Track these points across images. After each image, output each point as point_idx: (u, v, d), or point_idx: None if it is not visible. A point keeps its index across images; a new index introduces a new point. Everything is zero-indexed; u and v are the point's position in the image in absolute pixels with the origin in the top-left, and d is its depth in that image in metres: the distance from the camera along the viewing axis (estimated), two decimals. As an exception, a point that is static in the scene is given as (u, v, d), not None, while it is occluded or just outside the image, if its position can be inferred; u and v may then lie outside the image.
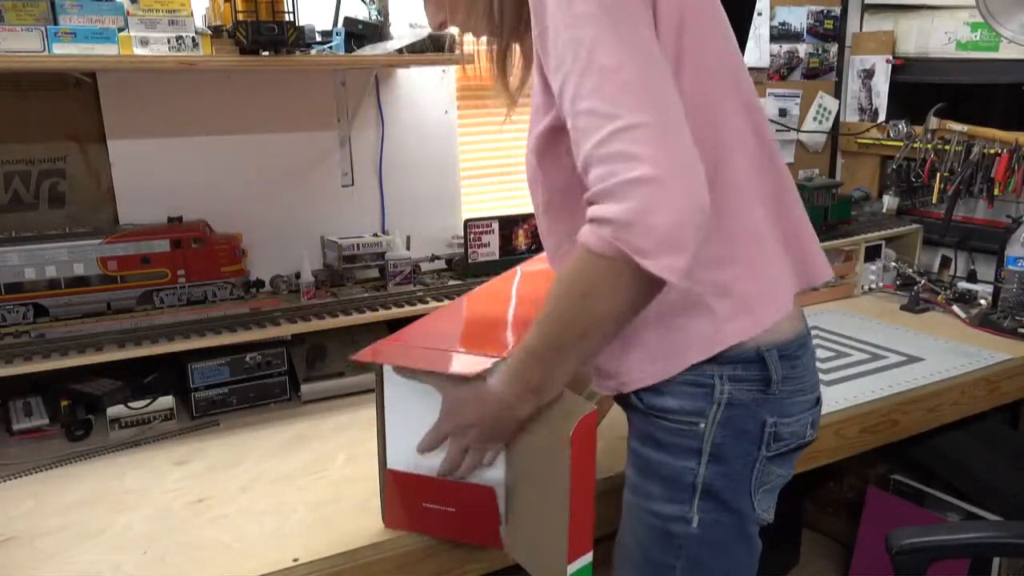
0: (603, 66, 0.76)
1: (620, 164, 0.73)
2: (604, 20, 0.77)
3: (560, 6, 0.78)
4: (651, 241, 0.72)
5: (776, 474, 0.95)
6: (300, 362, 1.61)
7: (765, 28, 2.35)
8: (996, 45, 2.13)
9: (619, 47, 0.76)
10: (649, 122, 0.73)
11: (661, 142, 0.73)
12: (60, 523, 1.15)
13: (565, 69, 0.78)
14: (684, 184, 0.73)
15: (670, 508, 0.92)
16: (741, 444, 0.91)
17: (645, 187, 0.72)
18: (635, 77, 0.75)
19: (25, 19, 1.28)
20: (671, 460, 0.92)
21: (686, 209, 0.73)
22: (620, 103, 0.74)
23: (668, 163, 0.73)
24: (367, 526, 1.10)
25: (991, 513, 1.79)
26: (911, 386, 1.56)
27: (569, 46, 0.78)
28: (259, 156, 1.75)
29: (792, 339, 0.93)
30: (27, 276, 1.45)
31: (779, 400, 0.92)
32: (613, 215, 0.73)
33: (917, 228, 2.25)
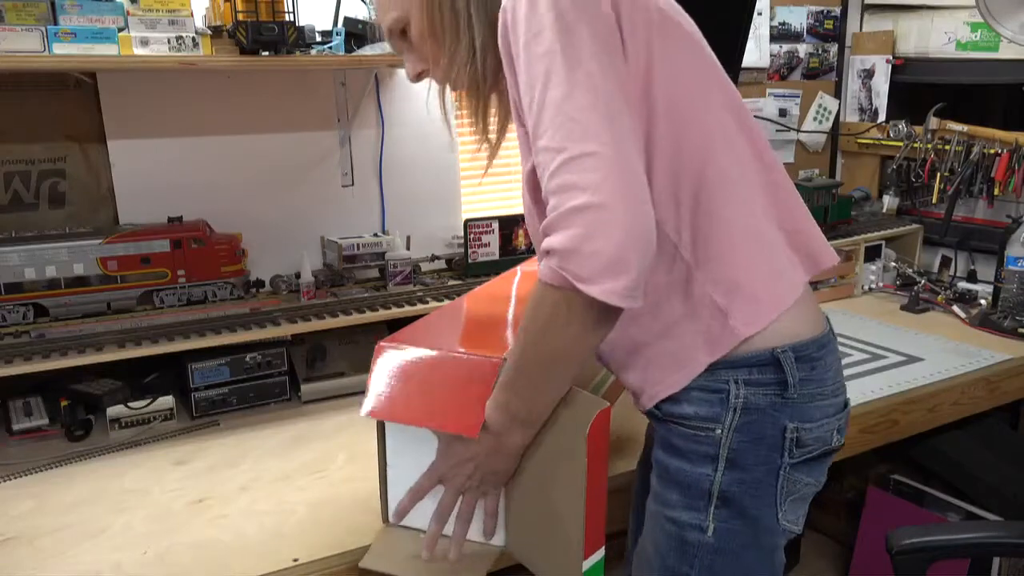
0: (553, 100, 0.79)
1: (565, 194, 0.75)
2: (557, 56, 0.79)
3: (524, 52, 0.81)
4: (591, 267, 0.74)
5: (804, 482, 0.93)
6: (300, 362, 1.61)
7: (765, 28, 2.35)
8: (996, 45, 2.13)
9: (568, 79, 0.79)
10: (593, 150, 0.76)
11: (604, 169, 0.75)
12: (60, 523, 1.15)
13: (527, 107, 0.82)
14: (625, 208, 0.74)
15: (686, 515, 0.92)
16: (760, 450, 0.90)
17: (586, 214, 0.74)
18: (581, 107, 0.77)
19: (25, 19, 1.28)
20: (688, 467, 0.91)
21: (627, 233, 0.74)
22: (567, 135, 0.77)
23: (610, 189, 0.74)
24: (367, 526, 1.10)
25: (991, 513, 1.79)
26: (911, 386, 1.56)
27: (528, 87, 0.81)
28: (259, 156, 1.75)
29: (809, 340, 0.91)
30: (27, 276, 1.45)
31: (799, 404, 0.90)
32: (558, 244, 0.75)
33: (917, 228, 2.25)
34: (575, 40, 0.80)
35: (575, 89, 0.78)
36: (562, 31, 0.80)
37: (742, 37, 2.08)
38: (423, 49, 0.98)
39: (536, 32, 0.81)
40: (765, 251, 0.91)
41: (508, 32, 0.84)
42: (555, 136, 0.78)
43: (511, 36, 0.84)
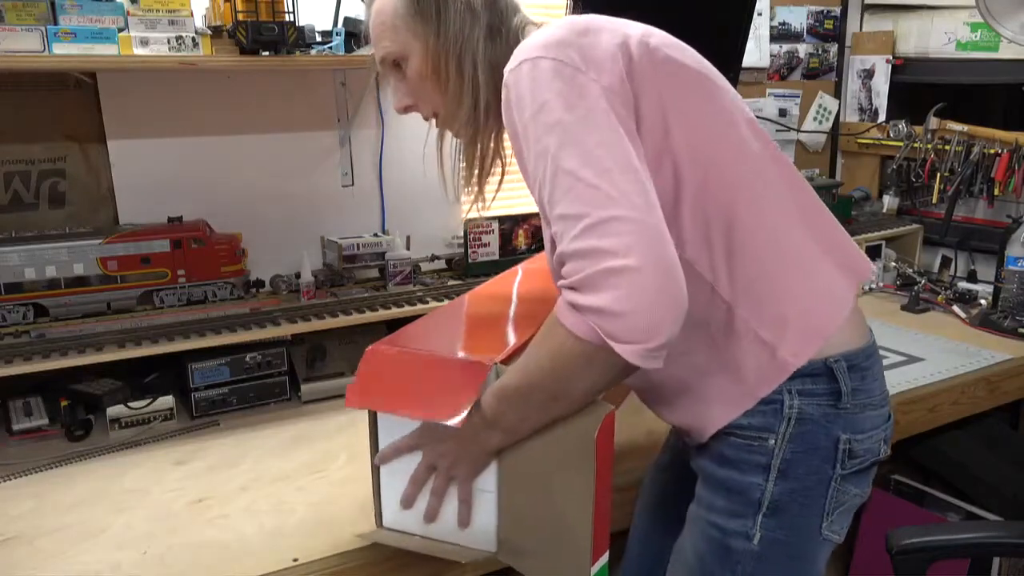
0: (568, 169, 0.79)
1: (593, 258, 0.76)
2: (567, 125, 0.80)
3: (532, 124, 0.82)
4: (627, 328, 0.75)
5: (852, 493, 0.93)
6: (300, 362, 1.61)
7: (765, 28, 2.35)
8: (996, 45, 2.13)
9: (580, 147, 0.79)
10: (619, 215, 0.76)
11: (634, 233, 0.76)
12: (60, 523, 1.15)
13: (539, 179, 0.82)
14: (657, 272, 0.75)
15: (733, 523, 0.91)
16: (812, 461, 0.90)
17: (621, 277, 0.75)
18: (598, 173, 0.78)
19: (25, 19, 1.28)
20: (738, 476, 0.91)
21: (662, 296, 0.75)
22: (588, 201, 0.77)
23: (642, 252, 0.75)
24: (367, 526, 1.10)
25: (991, 513, 1.79)
26: (911, 386, 1.56)
27: (540, 158, 0.81)
28: (259, 156, 1.75)
29: (859, 350, 0.92)
30: (27, 276, 1.45)
31: (851, 415, 0.90)
32: (593, 304, 0.76)
33: (917, 228, 2.25)
34: (584, 106, 0.81)
35: (589, 156, 0.79)
36: (569, 98, 0.81)
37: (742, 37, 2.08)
38: (418, 89, 1.00)
39: (542, 104, 0.82)
40: (808, 276, 0.91)
41: (512, 108, 0.85)
42: (574, 204, 0.78)
43: (515, 112, 0.84)
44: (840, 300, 0.92)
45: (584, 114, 0.81)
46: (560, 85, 0.81)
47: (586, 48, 0.85)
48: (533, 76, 0.82)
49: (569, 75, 0.82)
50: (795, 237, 0.92)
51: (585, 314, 0.77)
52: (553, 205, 0.80)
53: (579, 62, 0.83)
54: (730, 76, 2.11)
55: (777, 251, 0.90)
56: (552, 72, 0.82)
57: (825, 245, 0.94)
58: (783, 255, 0.90)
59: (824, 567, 0.95)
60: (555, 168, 0.80)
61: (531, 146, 0.83)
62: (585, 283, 0.76)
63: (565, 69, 0.82)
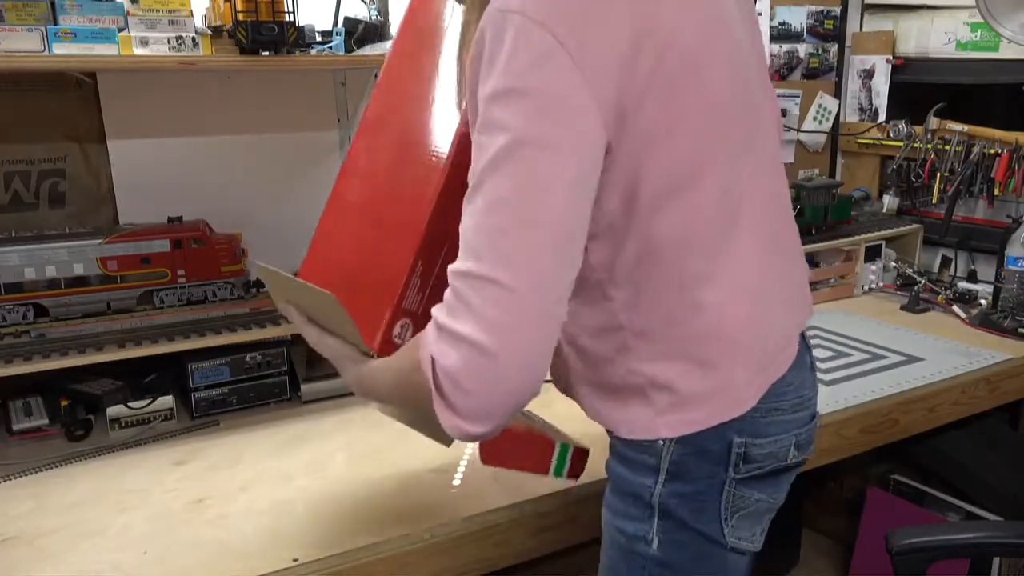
0: (492, 195, 0.70)
1: (463, 311, 0.70)
2: (520, 142, 0.69)
3: (490, 103, 0.71)
4: (460, 403, 0.71)
5: (754, 498, 0.88)
6: (300, 362, 1.61)
7: (765, 28, 2.35)
8: (996, 45, 2.13)
9: (517, 182, 0.69)
10: (503, 282, 0.68)
11: (506, 313, 0.68)
12: (60, 523, 1.15)
13: (472, 167, 0.73)
14: (515, 366, 0.70)
15: (633, 527, 0.88)
16: (702, 464, 0.85)
17: (473, 354, 0.69)
18: (516, 224, 0.69)
19: (25, 19, 1.28)
20: (631, 476, 0.88)
21: (507, 393, 0.71)
22: (490, 246, 0.69)
23: (505, 338, 0.68)
24: (367, 526, 1.10)
25: (991, 513, 1.79)
26: (911, 386, 1.56)
27: (480, 150, 0.72)
28: (259, 156, 1.74)
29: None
30: (27, 276, 1.45)
31: (751, 420, 0.85)
32: (443, 361, 0.70)
33: (917, 228, 2.25)
34: (549, 127, 0.69)
35: (520, 197, 0.69)
36: (540, 107, 0.69)
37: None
38: None
39: (507, 91, 0.69)
40: (726, 361, 0.84)
41: (479, 67, 0.73)
42: (478, 233, 0.70)
43: (480, 76, 0.72)
44: (735, 402, 0.85)
45: (546, 133, 0.69)
46: (540, 76, 0.69)
47: (592, 26, 0.71)
48: (515, 45, 0.69)
49: (557, 67, 0.69)
50: (739, 314, 0.84)
51: (432, 343, 0.71)
52: (467, 207, 0.73)
53: (575, 48, 0.69)
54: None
55: (710, 326, 0.83)
56: (540, 54, 0.69)
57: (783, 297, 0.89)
58: (712, 333, 0.83)
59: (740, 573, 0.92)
60: (484, 177, 0.71)
61: (479, 124, 0.72)
62: (449, 330, 0.70)
63: (557, 55, 0.69)
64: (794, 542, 2.21)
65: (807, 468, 1.41)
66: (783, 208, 0.94)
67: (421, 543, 1.08)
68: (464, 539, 1.10)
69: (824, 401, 1.48)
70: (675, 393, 0.84)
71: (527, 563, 1.18)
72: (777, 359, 0.89)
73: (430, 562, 1.09)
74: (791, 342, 0.92)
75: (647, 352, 0.84)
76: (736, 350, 0.84)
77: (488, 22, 0.71)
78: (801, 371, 0.92)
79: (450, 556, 1.10)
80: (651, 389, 0.85)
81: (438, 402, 0.72)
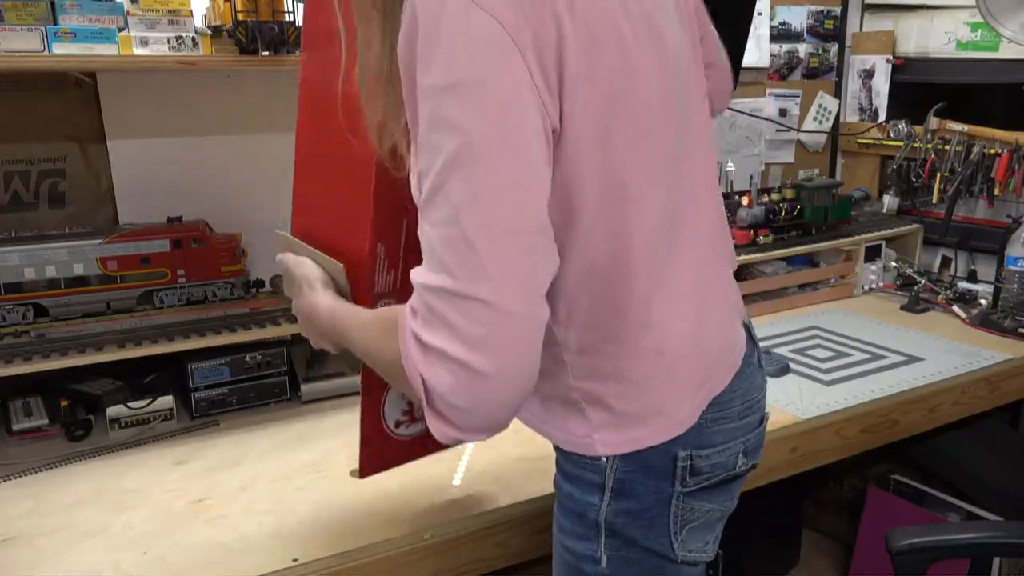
0: (453, 202, 0.65)
1: (447, 331, 0.66)
2: (473, 139, 0.65)
3: (434, 96, 0.66)
4: (452, 416, 0.68)
5: (704, 509, 0.86)
6: (300, 362, 1.61)
7: (765, 28, 2.35)
8: (996, 45, 2.13)
9: (477, 183, 0.65)
10: (484, 298, 0.65)
11: (493, 326, 0.65)
12: (60, 523, 1.15)
13: (421, 169, 0.68)
14: (509, 379, 0.67)
15: (580, 545, 0.85)
16: (648, 480, 0.82)
17: (463, 373, 0.66)
18: (484, 233, 0.65)
19: (25, 19, 1.28)
20: (578, 494, 0.85)
21: (501, 405, 0.69)
22: (460, 260, 0.65)
23: (497, 355, 0.66)
24: (367, 526, 1.10)
25: (991, 513, 1.79)
26: (911, 386, 1.56)
27: (429, 151, 0.67)
28: (259, 156, 1.74)
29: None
30: (27, 276, 1.45)
31: (695, 431, 0.83)
32: (428, 379, 0.67)
33: (917, 228, 2.25)
34: (502, 118, 0.66)
35: (482, 199, 0.65)
36: (492, 99, 0.65)
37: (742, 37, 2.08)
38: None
39: (455, 84, 0.65)
40: (664, 380, 0.82)
41: (416, 49, 0.67)
42: (444, 247, 0.66)
43: (419, 59, 0.67)
44: (673, 422, 0.83)
45: (499, 131, 0.66)
46: (488, 68, 0.65)
47: (528, 8, 0.66)
48: (457, 29, 0.64)
49: (503, 55, 0.65)
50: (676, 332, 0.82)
51: (419, 362, 0.68)
52: (424, 212, 0.68)
53: (520, 30, 0.65)
54: (730, 76, 2.12)
55: (647, 342, 0.80)
56: (487, 41, 0.65)
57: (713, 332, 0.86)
58: (651, 348, 0.81)
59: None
60: (440, 183, 0.66)
61: (424, 119, 0.67)
62: (427, 355, 0.67)
63: (503, 41, 0.65)
64: (794, 542, 2.21)
65: (807, 468, 1.43)
66: (719, 214, 0.92)
67: (421, 543, 1.08)
68: (464, 539, 1.10)
69: (824, 401, 1.49)
70: (611, 411, 0.81)
71: (527, 563, 1.18)
72: (717, 373, 0.87)
73: (430, 562, 1.09)
74: (733, 351, 0.89)
75: (583, 369, 0.81)
76: (675, 368, 0.82)
77: (419, 2, 0.66)
78: (748, 374, 0.90)
79: (450, 556, 1.10)
80: (587, 405, 0.82)
81: (431, 415, 0.70)
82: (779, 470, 1.37)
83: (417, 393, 0.69)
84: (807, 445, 1.41)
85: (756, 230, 2.03)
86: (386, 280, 0.94)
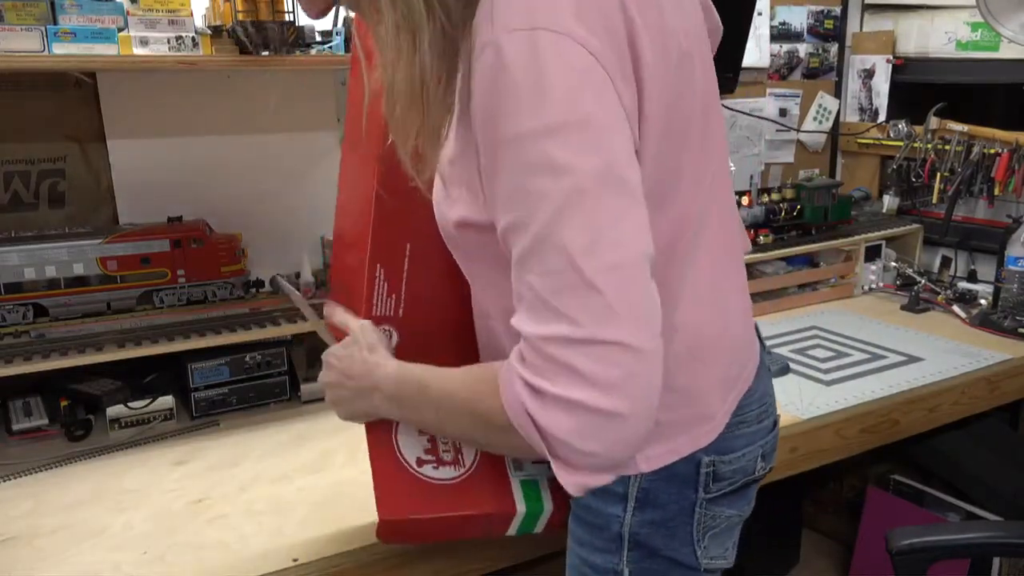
0: (564, 248, 0.62)
1: (573, 378, 0.63)
2: (579, 179, 0.62)
3: (528, 143, 0.63)
4: (579, 461, 0.66)
5: (725, 515, 0.85)
6: (300, 362, 1.61)
7: (765, 28, 2.35)
8: (996, 45, 2.13)
9: (589, 222, 0.62)
10: (619, 340, 0.62)
11: (630, 367, 0.63)
12: (60, 523, 1.15)
13: (513, 221, 0.65)
14: (645, 418, 0.65)
15: (601, 558, 0.84)
16: (672, 488, 0.81)
17: (598, 417, 0.63)
18: (605, 270, 0.62)
19: (25, 19, 1.28)
20: (598, 505, 0.83)
21: (635, 443, 0.66)
22: (582, 306, 0.62)
23: (635, 396, 0.63)
24: (367, 526, 1.10)
25: (991, 513, 1.79)
26: (911, 386, 1.56)
27: (524, 199, 0.64)
28: (259, 156, 1.74)
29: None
30: (27, 276, 1.45)
31: (718, 437, 0.83)
32: (549, 427, 0.64)
33: (917, 228, 2.25)
34: (607, 150, 0.63)
35: (598, 238, 0.62)
36: (592, 132, 0.63)
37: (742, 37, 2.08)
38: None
39: (551, 127, 0.62)
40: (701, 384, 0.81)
41: (500, 97, 0.64)
42: (561, 296, 0.63)
43: (500, 105, 0.64)
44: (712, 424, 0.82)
45: (606, 166, 0.63)
46: (589, 102, 0.62)
47: (600, 29, 0.64)
48: (552, 68, 0.62)
49: (600, 86, 0.63)
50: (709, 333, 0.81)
51: (533, 409, 0.65)
52: (526, 263, 0.65)
53: (606, 54, 0.63)
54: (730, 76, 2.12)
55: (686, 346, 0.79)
56: (582, 73, 0.62)
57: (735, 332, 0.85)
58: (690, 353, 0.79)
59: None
60: (546, 233, 0.63)
61: (516, 167, 0.64)
62: (546, 388, 0.64)
63: (596, 70, 0.63)
64: (794, 542, 2.21)
65: (807, 468, 1.43)
66: (734, 211, 0.91)
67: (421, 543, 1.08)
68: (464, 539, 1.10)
69: (824, 401, 1.49)
70: (656, 423, 0.79)
71: (527, 563, 1.18)
72: (745, 372, 0.87)
73: (430, 562, 1.09)
74: (754, 349, 0.89)
75: None
76: (709, 370, 0.81)
77: (505, 45, 0.63)
78: (761, 375, 0.90)
79: (450, 556, 1.10)
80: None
81: (559, 467, 0.67)
82: (779, 470, 1.37)
83: (535, 445, 0.67)
84: (807, 445, 1.41)
85: (756, 230, 2.03)
86: (386, 304, 0.91)
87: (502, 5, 0.64)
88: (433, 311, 0.91)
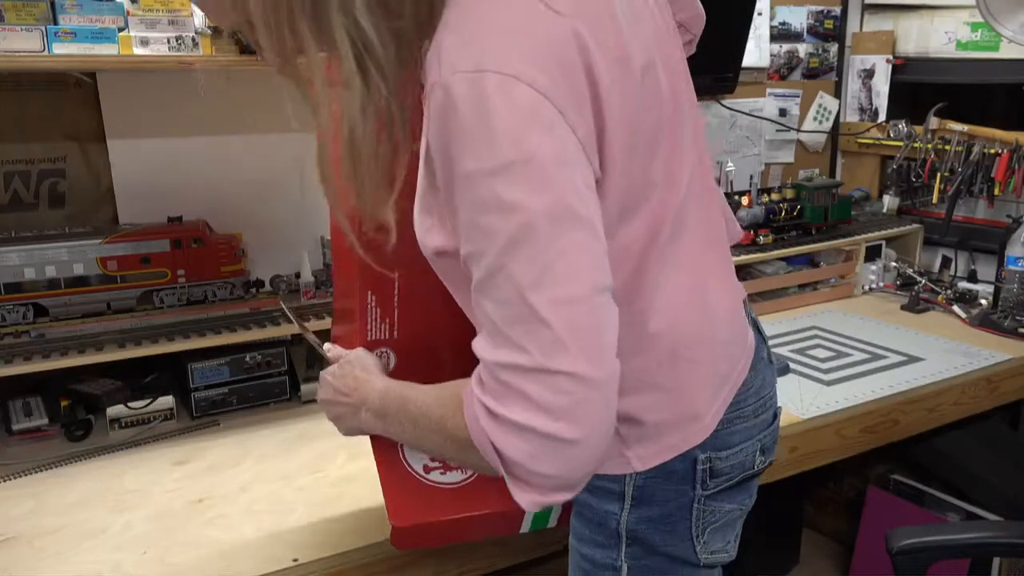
0: (515, 282, 0.64)
1: (525, 406, 0.64)
2: (530, 217, 0.63)
3: (480, 181, 0.64)
4: (535, 482, 0.67)
5: (724, 510, 0.85)
6: (300, 362, 1.61)
7: (765, 28, 2.35)
8: (996, 45, 2.13)
9: (539, 257, 0.63)
10: (567, 370, 0.63)
11: (579, 395, 0.64)
12: (60, 523, 1.15)
13: (470, 252, 0.67)
14: (597, 443, 0.66)
15: (599, 554, 0.85)
16: (668, 485, 0.82)
17: (548, 442, 0.64)
18: (554, 304, 0.63)
19: (25, 19, 1.28)
20: (596, 502, 0.84)
21: (588, 467, 0.67)
22: (532, 338, 0.64)
23: (582, 425, 0.64)
24: (367, 526, 1.10)
25: (991, 513, 1.79)
26: (911, 386, 1.56)
27: (479, 234, 0.66)
28: (259, 156, 1.74)
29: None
30: (27, 276, 1.45)
31: (713, 434, 0.83)
32: (506, 450, 0.66)
33: (917, 228, 2.25)
34: (557, 187, 0.64)
35: (547, 272, 0.63)
36: (542, 172, 0.63)
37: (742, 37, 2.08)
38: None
39: (504, 165, 0.63)
40: (691, 382, 0.82)
41: (451, 136, 0.65)
42: (513, 326, 0.64)
43: (454, 146, 0.65)
44: (703, 424, 0.82)
45: (554, 202, 0.64)
46: (534, 140, 0.63)
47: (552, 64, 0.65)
48: (498, 109, 0.63)
49: (547, 122, 0.64)
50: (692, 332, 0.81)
51: (490, 431, 0.66)
52: (483, 291, 0.67)
53: (557, 89, 0.65)
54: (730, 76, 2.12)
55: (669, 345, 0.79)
56: (529, 114, 0.63)
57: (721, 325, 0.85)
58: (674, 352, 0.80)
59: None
60: (498, 266, 0.65)
61: (469, 202, 0.66)
62: (500, 412, 0.65)
63: (545, 111, 0.64)
64: (794, 542, 2.21)
65: (807, 468, 1.43)
66: (716, 201, 0.90)
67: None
68: (464, 539, 1.10)
69: (824, 401, 1.49)
70: (642, 425, 0.80)
71: (527, 563, 1.18)
72: (737, 367, 0.86)
73: (431, 562, 1.09)
74: (746, 343, 0.89)
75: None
76: (695, 370, 0.81)
77: (453, 87, 0.64)
78: (759, 370, 0.89)
79: (451, 556, 1.10)
80: (619, 424, 0.78)
81: (513, 484, 0.68)
82: (779, 470, 1.37)
83: (492, 463, 0.68)
84: (807, 445, 1.41)
85: (756, 230, 2.03)
86: (380, 329, 0.93)
87: (449, 47, 0.66)
88: (429, 331, 0.92)
